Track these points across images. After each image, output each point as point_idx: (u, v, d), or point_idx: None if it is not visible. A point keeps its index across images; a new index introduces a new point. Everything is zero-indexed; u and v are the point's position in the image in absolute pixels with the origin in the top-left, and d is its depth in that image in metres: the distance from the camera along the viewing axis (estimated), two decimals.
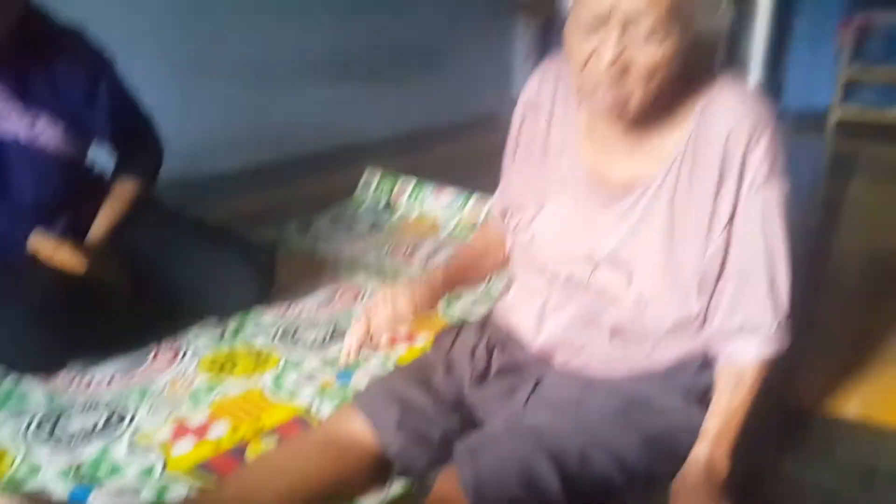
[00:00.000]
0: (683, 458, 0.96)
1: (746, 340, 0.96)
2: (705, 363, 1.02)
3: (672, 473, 0.95)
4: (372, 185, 2.58)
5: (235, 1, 2.93)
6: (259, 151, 3.10)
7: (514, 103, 1.12)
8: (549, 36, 4.99)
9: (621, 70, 0.84)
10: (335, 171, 2.98)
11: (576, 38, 0.87)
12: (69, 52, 1.44)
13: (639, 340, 1.00)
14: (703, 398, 1.00)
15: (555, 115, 1.05)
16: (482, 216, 2.22)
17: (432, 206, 2.39)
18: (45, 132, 1.40)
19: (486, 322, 1.17)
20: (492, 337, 1.12)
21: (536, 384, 1.04)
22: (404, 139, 3.74)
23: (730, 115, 0.90)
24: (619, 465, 0.93)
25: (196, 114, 2.82)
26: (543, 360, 1.06)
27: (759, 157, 0.90)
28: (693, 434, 0.97)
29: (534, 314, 1.07)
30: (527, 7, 4.49)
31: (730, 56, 4.69)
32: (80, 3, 1.73)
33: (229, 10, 2.92)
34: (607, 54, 0.83)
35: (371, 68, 3.67)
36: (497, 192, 1.19)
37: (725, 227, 0.93)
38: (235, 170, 2.95)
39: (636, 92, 0.86)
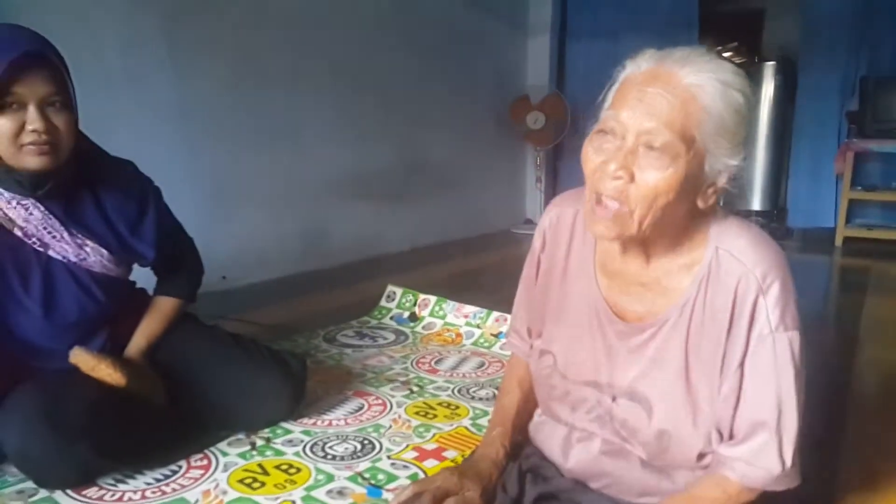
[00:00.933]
0: None
1: (748, 468, 0.92)
2: None
3: None
4: (394, 299, 2.65)
5: (261, 132, 3.14)
6: (286, 266, 3.22)
7: (524, 221, 1.18)
8: (557, 161, 5.25)
9: (626, 182, 0.86)
10: (358, 284, 3.08)
11: (590, 148, 0.91)
12: (119, 182, 1.53)
13: (670, 470, 1.00)
14: None
15: (573, 244, 1.07)
16: (502, 329, 2.27)
17: (454, 319, 2.45)
18: (92, 256, 1.47)
19: (520, 448, 1.17)
20: (523, 464, 1.12)
21: None
22: (424, 252, 3.86)
23: (742, 260, 0.91)
24: None
25: (227, 232, 2.95)
26: (580, 484, 1.07)
27: (771, 305, 0.90)
28: None
29: (559, 443, 1.08)
30: (532, 137, 4.74)
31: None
32: (122, 135, 1.89)
33: (256, 139, 3.12)
34: (614, 163, 0.86)
35: (391, 187, 3.85)
36: (515, 313, 1.22)
37: (737, 370, 0.92)
38: (263, 282, 3.05)
39: (638, 210, 0.87)
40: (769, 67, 5.03)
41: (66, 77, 1.36)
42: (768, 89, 5.01)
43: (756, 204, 5.22)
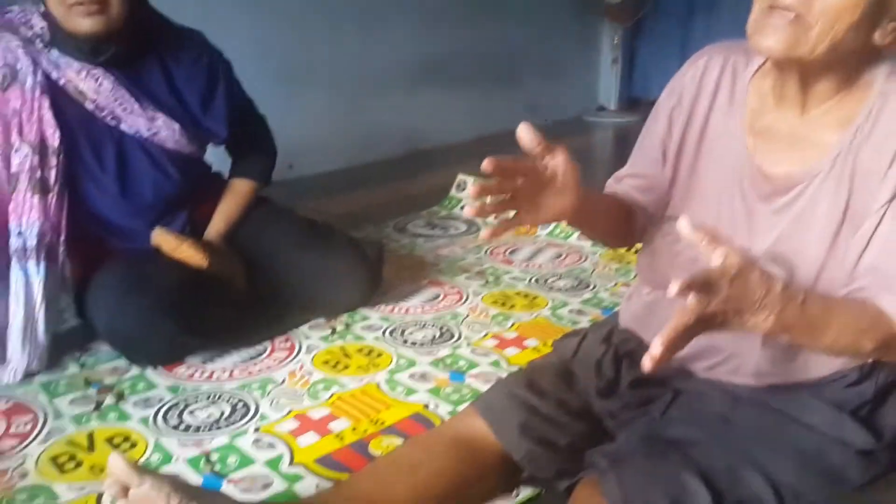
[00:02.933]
0: (837, 478, 0.90)
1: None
2: (862, 376, 0.95)
3: (825, 494, 0.89)
4: (465, 188, 2.57)
5: (328, 13, 3.00)
6: (352, 155, 3.16)
7: (598, 108, 1.06)
8: (635, 41, 4.89)
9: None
10: (426, 173, 3.00)
11: None
12: (188, 53, 1.48)
13: (793, 348, 0.93)
14: (857, 414, 0.93)
15: (718, 100, 1.00)
16: None
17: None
18: (164, 129, 1.44)
19: (611, 332, 1.12)
20: (619, 347, 1.07)
21: (676, 395, 1.00)
22: (491, 142, 3.73)
23: None
24: (771, 485, 0.88)
25: (294, 118, 2.87)
26: (683, 370, 1.02)
27: None
28: (847, 454, 0.91)
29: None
30: (612, 12, 4.40)
31: None
32: (189, 7, 1.80)
33: (323, 22, 2.99)
34: None
35: (458, 74, 3.69)
36: (633, 164, 1.10)
37: (883, 207, 0.84)
38: (330, 172, 3.02)
39: (819, 25, 0.80)
40: None
41: None
42: None
43: None
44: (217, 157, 1.68)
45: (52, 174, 1.33)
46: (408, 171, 3.11)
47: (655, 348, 0.66)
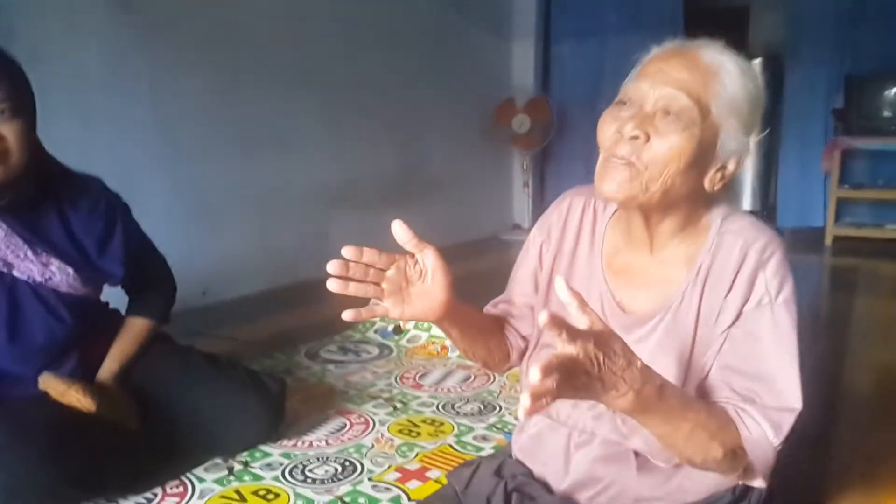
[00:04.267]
0: None
1: (751, 419, 0.88)
2: (735, 499, 0.99)
3: None
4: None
5: (243, 140, 3.09)
6: (267, 279, 3.17)
7: (513, 226, 1.14)
8: (544, 163, 5.21)
9: (641, 143, 0.88)
10: (342, 297, 3.01)
11: (608, 117, 0.93)
12: (85, 198, 1.48)
13: (667, 472, 0.98)
14: None
15: (581, 240, 1.08)
16: None
17: (439, 330, 2.39)
18: (57, 275, 1.43)
19: (502, 464, 1.14)
20: (509, 482, 1.08)
21: None
22: None
23: (742, 235, 0.94)
24: None
25: (208, 245, 2.90)
26: (568, 500, 1.03)
27: (770, 274, 0.92)
28: None
29: (561, 451, 1.04)
30: (520, 141, 4.70)
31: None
32: (100, 149, 1.83)
33: (237, 149, 3.07)
34: (630, 124, 0.88)
35: (375, 195, 3.80)
36: (510, 288, 1.16)
37: (725, 332, 0.93)
38: (244, 297, 3.00)
39: (649, 171, 0.88)
40: (756, 64, 5.02)
41: (17, 84, 1.31)
42: None
43: (746, 203, 5.21)
44: (114, 295, 1.67)
45: None
46: (322, 294, 3.11)
47: (534, 376, 0.63)
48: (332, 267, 0.87)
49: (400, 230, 0.90)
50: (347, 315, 0.90)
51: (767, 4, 5.39)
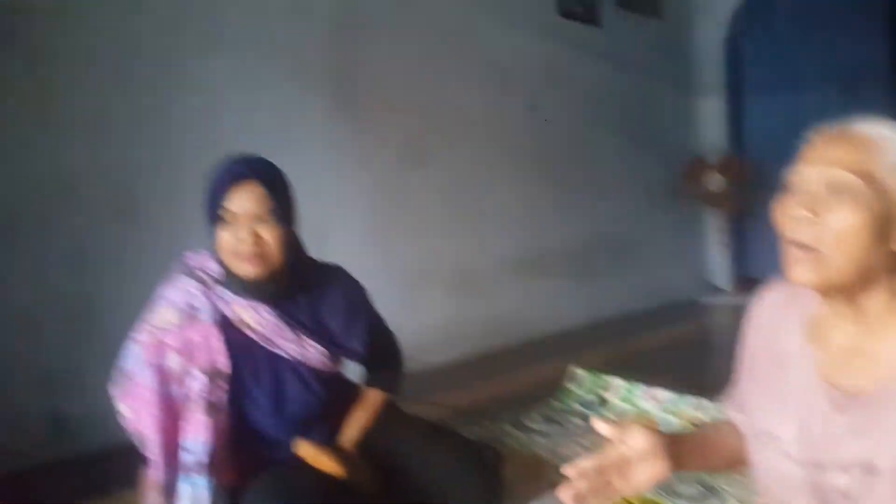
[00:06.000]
0: None
1: None
2: None
3: None
4: (578, 381, 2.62)
5: (446, 218, 3.31)
6: (468, 348, 3.30)
7: (712, 289, 1.13)
8: (742, 224, 4.95)
9: (813, 221, 0.88)
10: (540, 363, 3.08)
11: (778, 205, 0.93)
12: (331, 285, 1.69)
13: None
14: None
15: (787, 325, 1.06)
16: (700, 416, 2.15)
17: (647, 405, 2.37)
18: (311, 353, 1.63)
19: None
20: None
21: None
22: (604, 327, 3.79)
23: None
24: None
25: (413, 315, 3.11)
26: None
27: None
28: None
29: None
30: (713, 199, 4.54)
31: None
32: (326, 238, 2.08)
33: (437, 220, 3.29)
34: (799, 206, 0.89)
35: (567, 262, 3.86)
36: (732, 397, 1.18)
37: None
38: (446, 365, 3.15)
39: (832, 253, 0.88)
40: None
41: (284, 193, 1.55)
42: None
43: None
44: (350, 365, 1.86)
45: (221, 397, 1.53)
46: (522, 361, 3.20)
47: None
48: (567, 496, 0.92)
49: (601, 428, 0.96)
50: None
51: None
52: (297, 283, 1.67)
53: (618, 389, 2.48)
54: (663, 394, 2.35)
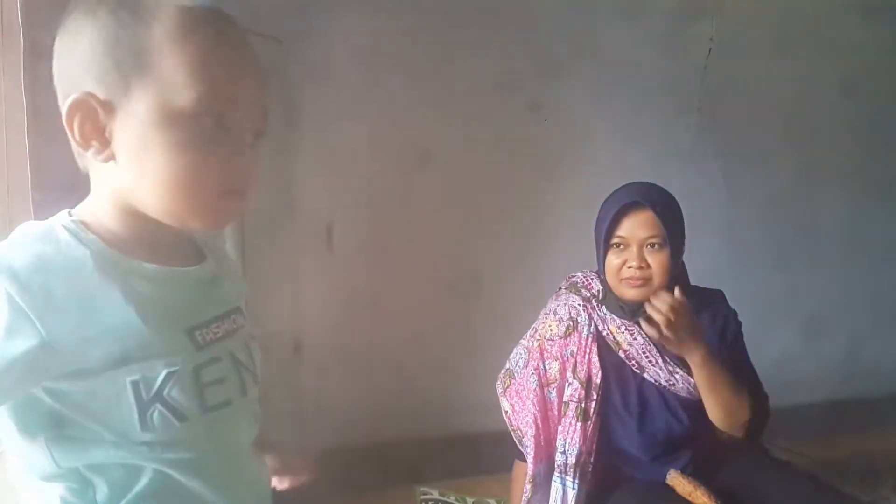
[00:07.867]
0: None
1: None
2: None
3: None
4: None
5: (798, 243, 3.03)
6: (831, 391, 2.97)
7: None
8: None
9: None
10: None
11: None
12: (707, 310, 1.65)
13: None
14: None
15: None
16: None
17: None
18: (680, 382, 1.61)
19: None
20: None
21: None
22: None
23: None
24: None
25: (761, 351, 2.87)
26: None
27: None
28: None
29: None
30: None
31: None
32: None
33: (793, 254, 3.02)
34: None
35: None
36: None
37: None
38: (803, 406, 2.87)
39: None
40: None
41: (669, 223, 1.55)
42: None
43: None
44: None
45: (592, 406, 1.61)
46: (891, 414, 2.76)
47: None
48: None
49: None
50: None
51: None
52: None
53: None
54: None
